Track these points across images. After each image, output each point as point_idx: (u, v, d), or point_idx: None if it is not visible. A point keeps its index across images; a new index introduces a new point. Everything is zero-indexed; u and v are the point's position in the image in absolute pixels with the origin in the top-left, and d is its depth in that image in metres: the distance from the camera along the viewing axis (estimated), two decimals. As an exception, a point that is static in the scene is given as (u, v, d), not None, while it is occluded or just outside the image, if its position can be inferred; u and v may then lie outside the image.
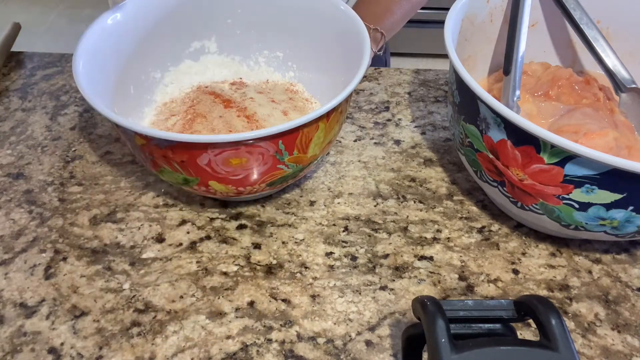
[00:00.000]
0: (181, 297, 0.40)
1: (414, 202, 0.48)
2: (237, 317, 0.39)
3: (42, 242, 0.44)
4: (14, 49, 0.66)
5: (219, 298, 0.40)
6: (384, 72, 0.63)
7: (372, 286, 0.41)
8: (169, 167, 0.40)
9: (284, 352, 0.37)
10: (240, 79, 0.54)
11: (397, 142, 0.54)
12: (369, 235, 0.45)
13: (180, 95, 0.52)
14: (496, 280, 0.42)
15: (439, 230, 0.45)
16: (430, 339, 0.27)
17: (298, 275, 0.42)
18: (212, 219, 0.46)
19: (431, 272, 0.42)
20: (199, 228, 0.45)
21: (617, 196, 0.35)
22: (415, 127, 0.55)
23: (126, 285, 0.41)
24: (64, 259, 0.43)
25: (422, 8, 0.66)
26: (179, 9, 0.51)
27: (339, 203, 0.47)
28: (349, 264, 0.43)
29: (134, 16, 0.48)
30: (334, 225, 0.46)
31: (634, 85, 0.46)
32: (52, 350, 0.37)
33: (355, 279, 0.41)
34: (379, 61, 0.80)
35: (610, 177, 0.34)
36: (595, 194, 0.35)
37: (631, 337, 0.38)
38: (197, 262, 0.43)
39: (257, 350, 0.37)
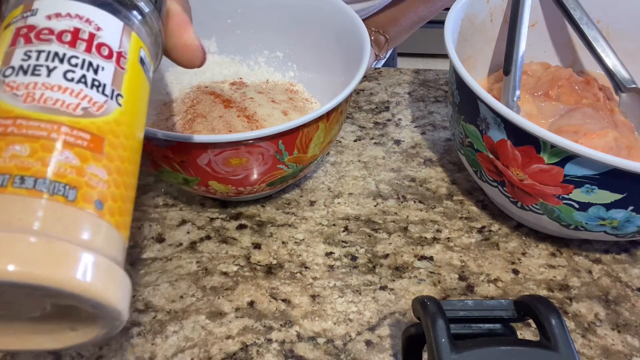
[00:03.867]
0: (181, 297, 0.40)
1: (414, 202, 0.48)
2: (237, 317, 0.39)
3: (42, 242, 0.44)
4: (14, 49, 0.65)
5: (219, 298, 0.40)
6: (384, 72, 0.63)
7: (372, 286, 0.41)
8: (169, 167, 0.40)
9: (284, 352, 0.37)
10: (240, 79, 0.54)
11: (397, 142, 0.54)
12: (369, 235, 0.45)
13: (180, 95, 0.52)
14: (496, 280, 0.42)
15: (439, 230, 0.45)
16: (430, 339, 0.27)
17: (298, 275, 0.42)
18: (212, 219, 0.46)
19: (431, 272, 0.42)
20: (199, 228, 0.45)
21: (617, 196, 0.35)
22: (415, 127, 0.55)
23: (126, 285, 0.41)
24: (64, 259, 0.43)
25: (423, 8, 0.66)
26: (179, 9, 0.51)
27: (339, 203, 0.47)
28: (349, 264, 0.43)
29: (134, 16, 0.48)
30: (334, 225, 0.46)
31: (634, 85, 0.46)
32: (52, 350, 0.37)
33: (355, 279, 0.41)
34: (385, 65, 0.80)
35: (610, 177, 0.34)
36: (595, 194, 0.35)
37: (631, 337, 0.38)
38: (197, 262, 0.43)
39: (257, 350, 0.37)
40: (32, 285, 0.16)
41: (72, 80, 0.19)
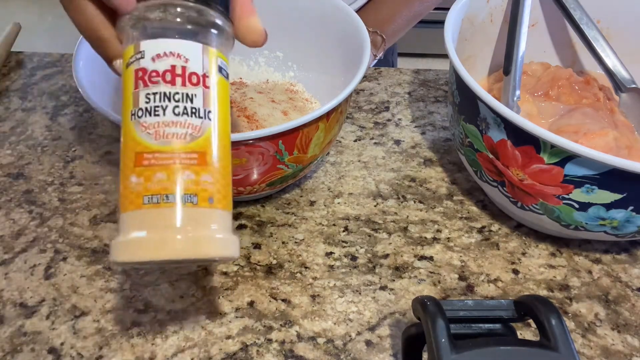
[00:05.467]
0: (181, 297, 0.40)
1: (414, 202, 0.48)
2: (237, 317, 0.39)
3: (42, 242, 0.44)
4: (14, 49, 0.66)
5: (219, 298, 0.40)
6: (384, 72, 0.63)
7: (372, 286, 0.41)
8: (169, 167, 0.40)
9: (284, 352, 0.37)
10: (240, 79, 0.54)
11: (397, 142, 0.54)
12: (369, 235, 0.45)
13: (180, 95, 0.52)
14: (496, 280, 0.42)
15: (439, 230, 0.45)
16: (430, 339, 0.27)
17: (298, 275, 0.42)
18: (212, 219, 0.46)
19: (431, 272, 0.42)
20: (199, 228, 0.45)
21: (617, 196, 0.35)
22: (415, 127, 0.55)
23: (126, 285, 0.41)
24: (64, 259, 0.43)
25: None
26: (179, 9, 0.51)
27: (339, 203, 0.47)
28: (349, 264, 0.43)
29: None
30: (334, 225, 0.46)
31: (634, 85, 0.46)
32: (52, 350, 0.37)
33: (355, 279, 0.41)
34: (385, 64, 0.80)
35: (610, 177, 0.34)
36: (595, 194, 0.35)
37: (631, 337, 0.38)
38: (197, 262, 0.43)
39: (257, 350, 0.37)
40: (200, 259, 0.26)
41: (178, 114, 0.26)
